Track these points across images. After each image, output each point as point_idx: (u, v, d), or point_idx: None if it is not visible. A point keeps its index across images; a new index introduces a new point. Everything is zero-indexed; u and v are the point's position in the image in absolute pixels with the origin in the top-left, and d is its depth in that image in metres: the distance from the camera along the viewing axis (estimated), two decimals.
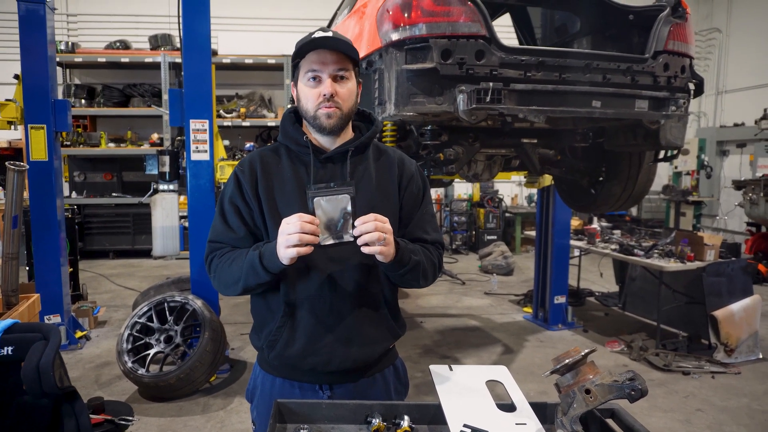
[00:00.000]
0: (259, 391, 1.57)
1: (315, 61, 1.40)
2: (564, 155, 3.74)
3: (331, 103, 1.41)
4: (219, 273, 1.47)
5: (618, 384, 1.14)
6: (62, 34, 9.02)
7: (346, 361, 1.47)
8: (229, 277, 1.44)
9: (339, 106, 1.42)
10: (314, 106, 1.42)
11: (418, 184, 1.57)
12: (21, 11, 4.14)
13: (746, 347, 4.36)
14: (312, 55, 1.40)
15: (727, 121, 9.64)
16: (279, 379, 1.54)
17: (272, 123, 8.86)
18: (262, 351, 1.54)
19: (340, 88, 1.42)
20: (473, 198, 9.89)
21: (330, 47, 1.38)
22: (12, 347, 1.50)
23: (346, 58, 1.41)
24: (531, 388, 3.84)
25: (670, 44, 2.81)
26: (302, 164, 1.49)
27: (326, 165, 1.48)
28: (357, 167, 1.49)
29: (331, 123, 1.43)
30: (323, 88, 1.40)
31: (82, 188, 8.69)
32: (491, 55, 2.46)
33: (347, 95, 1.43)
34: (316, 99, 1.41)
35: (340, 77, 1.41)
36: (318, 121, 1.43)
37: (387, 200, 1.50)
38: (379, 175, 1.51)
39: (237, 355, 4.42)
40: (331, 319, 1.46)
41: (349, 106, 1.45)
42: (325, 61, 1.39)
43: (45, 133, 4.28)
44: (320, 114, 1.42)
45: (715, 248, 4.47)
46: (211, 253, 1.52)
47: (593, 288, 6.54)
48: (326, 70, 1.40)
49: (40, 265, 4.39)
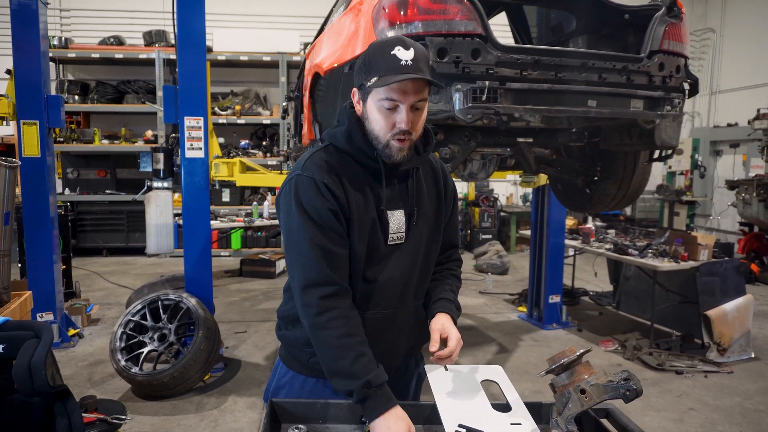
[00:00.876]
0: (286, 390, 1.54)
1: (396, 89, 1.29)
2: (559, 154, 3.74)
3: (405, 135, 1.34)
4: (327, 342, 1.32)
5: (613, 384, 1.14)
6: (55, 29, 8.94)
7: (390, 369, 1.46)
8: (326, 358, 1.33)
9: (411, 138, 1.36)
10: (387, 136, 1.34)
11: (454, 194, 1.64)
12: (13, 5, 4.10)
13: (739, 346, 4.38)
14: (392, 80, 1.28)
15: (720, 121, 9.69)
16: (312, 379, 1.52)
17: (267, 121, 8.83)
18: (298, 351, 1.51)
19: (416, 118, 1.35)
20: (468, 197, 9.90)
21: (415, 76, 1.28)
22: (3, 345, 1.48)
23: (427, 87, 1.33)
24: (526, 387, 3.84)
25: (666, 44, 2.81)
26: (372, 178, 1.42)
27: (392, 182, 1.45)
28: (416, 183, 1.51)
29: (402, 155, 1.37)
30: (400, 119, 1.32)
31: (75, 185, 8.64)
32: (487, 53, 2.46)
33: (420, 125, 1.38)
34: (390, 128, 1.33)
35: (417, 108, 1.34)
36: (389, 150, 1.36)
37: (439, 213, 1.56)
38: (429, 188, 1.55)
39: (231, 354, 4.41)
40: (385, 327, 1.49)
41: (419, 134, 1.40)
42: (407, 90, 1.30)
43: (38, 129, 4.25)
44: (393, 145, 1.35)
45: (708, 248, 4.50)
46: (329, 310, 1.32)
47: (588, 287, 6.56)
48: (406, 101, 1.31)
49: (33, 263, 4.36)
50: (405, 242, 1.46)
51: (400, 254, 1.46)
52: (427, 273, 1.57)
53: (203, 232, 4.04)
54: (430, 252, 1.55)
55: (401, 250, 1.46)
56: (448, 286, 1.61)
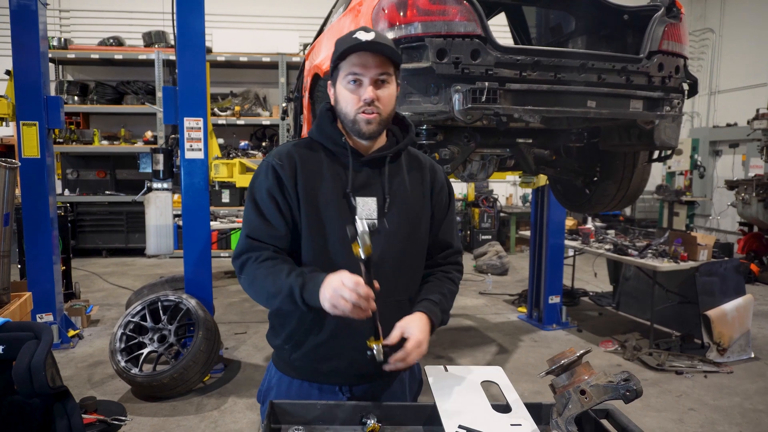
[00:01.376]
0: (275, 392, 1.55)
1: (357, 64, 1.37)
2: (559, 155, 3.74)
3: (372, 108, 1.38)
4: (253, 281, 1.40)
5: (613, 385, 1.14)
6: (54, 30, 8.94)
7: (369, 365, 1.43)
8: (263, 291, 1.38)
9: (379, 112, 1.40)
10: (354, 111, 1.40)
11: (446, 192, 1.60)
12: (12, 6, 4.10)
13: (738, 346, 4.38)
14: (354, 57, 1.37)
15: (719, 122, 9.70)
16: (297, 380, 1.52)
17: (267, 121, 8.83)
18: (282, 351, 1.52)
19: (381, 93, 1.39)
20: (468, 198, 9.90)
21: (373, 50, 1.36)
22: (3, 346, 1.48)
23: (388, 62, 1.39)
24: (525, 387, 3.84)
25: (665, 44, 2.82)
26: (340, 165, 1.46)
27: (362, 169, 1.47)
28: (391, 173, 1.49)
29: (370, 129, 1.41)
30: (364, 92, 1.38)
31: (75, 186, 8.63)
32: (487, 54, 2.46)
33: (387, 100, 1.41)
34: (356, 103, 1.39)
35: (381, 81, 1.39)
36: (357, 126, 1.41)
37: (420, 206, 1.52)
38: (412, 181, 1.52)
39: (231, 355, 4.41)
40: (358, 322, 1.43)
41: (389, 111, 1.43)
42: (368, 64, 1.36)
43: (37, 130, 4.25)
44: (360, 119, 1.40)
45: (708, 248, 4.50)
46: (248, 252, 1.42)
47: (587, 288, 6.56)
48: (368, 74, 1.37)
49: (32, 264, 4.35)
50: (377, 230, 1.44)
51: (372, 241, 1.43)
52: (403, 267, 1.50)
53: (203, 233, 4.04)
54: (409, 246, 1.50)
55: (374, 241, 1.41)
56: (438, 288, 1.54)
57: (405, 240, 1.48)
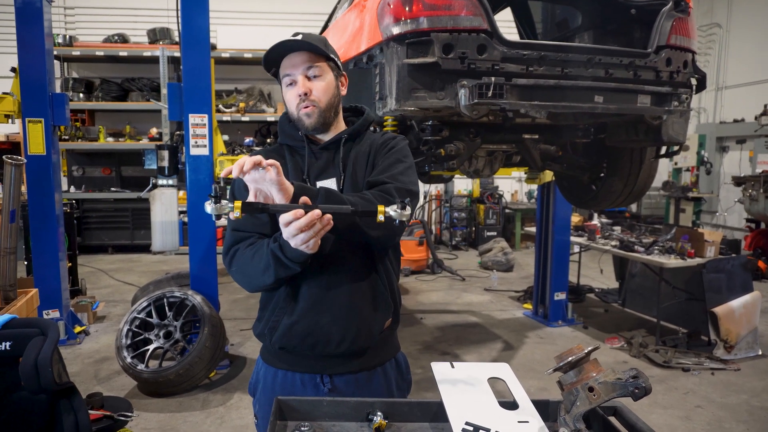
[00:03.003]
0: (261, 384, 1.58)
1: (287, 65, 1.47)
2: (565, 151, 3.72)
3: (307, 102, 1.46)
4: (243, 266, 1.43)
5: (621, 382, 1.12)
6: (60, 27, 8.97)
7: (345, 340, 1.47)
8: (255, 272, 1.39)
9: (315, 104, 1.47)
10: (295, 109, 1.48)
11: (388, 146, 1.55)
12: (17, 3, 4.11)
13: (746, 344, 4.36)
14: (284, 61, 1.48)
15: (726, 117, 9.63)
16: (281, 371, 1.55)
17: (271, 118, 8.83)
18: (264, 337, 1.54)
19: (314, 85, 1.46)
20: (473, 194, 9.89)
21: (295, 49, 1.45)
22: (10, 342, 1.48)
23: (314, 56, 1.46)
24: (531, 384, 3.84)
25: (673, 39, 2.79)
26: (300, 157, 1.55)
27: (321, 155, 1.53)
28: (349, 153, 1.53)
29: (311, 121, 1.48)
30: (298, 88, 1.46)
31: (80, 183, 8.66)
32: (493, 49, 2.44)
33: (322, 91, 1.47)
34: (295, 101, 1.47)
35: (312, 75, 1.46)
36: (301, 122, 1.49)
37: (365, 173, 1.51)
38: (365, 159, 1.54)
39: (237, 351, 4.42)
40: (330, 295, 1.47)
41: (328, 100, 1.49)
42: (295, 63, 1.46)
43: (43, 127, 4.26)
44: (301, 115, 1.48)
45: (715, 245, 4.47)
46: (235, 244, 1.46)
47: (593, 284, 6.54)
48: (297, 71, 1.46)
49: (39, 260, 4.37)
50: None
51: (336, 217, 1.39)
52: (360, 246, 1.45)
53: (208, 229, 4.05)
54: None
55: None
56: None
57: None
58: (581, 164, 3.77)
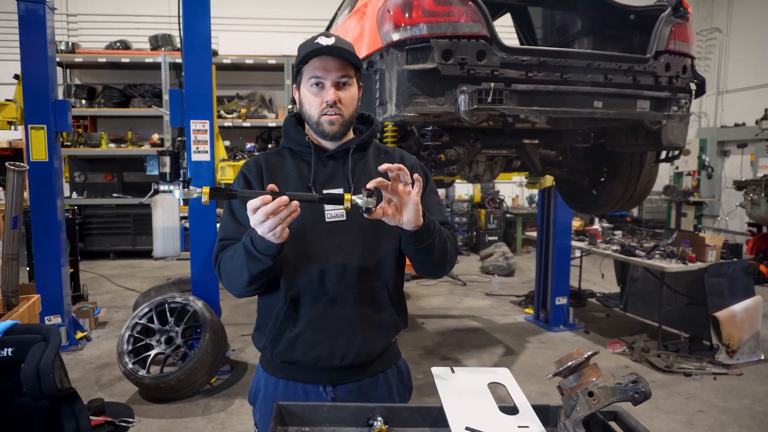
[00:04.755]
0: (262, 393, 1.56)
1: (318, 67, 1.42)
2: (565, 156, 3.73)
3: (333, 110, 1.44)
4: (224, 268, 1.45)
5: (621, 386, 1.13)
6: (62, 34, 9.02)
7: (348, 355, 1.47)
8: (236, 272, 1.40)
9: (341, 113, 1.45)
10: (317, 113, 1.45)
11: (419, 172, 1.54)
12: (21, 11, 4.14)
13: (748, 348, 4.35)
14: (315, 61, 1.42)
15: (727, 121, 9.63)
16: (282, 381, 1.53)
17: (273, 123, 8.85)
18: (265, 350, 1.53)
19: (343, 94, 1.44)
20: (474, 199, 9.89)
21: (333, 54, 1.41)
22: (12, 348, 1.49)
23: (348, 65, 1.44)
24: (532, 389, 3.83)
25: (672, 44, 2.80)
26: (305, 163, 1.52)
27: (328, 163, 1.51)
28: (357, 164, 1.52)
29: (333, 129, 1.46)
30: (326, 95, 1.43)
31: (82, 189, 8.69)
32: (492, 55, 2.46)
33: (349, 102, 1.46)
34: (319, 105, 1.44)
35: (342, 84, 1.44)
36: (321, 127, 1.46)
37: None
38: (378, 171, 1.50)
39: (238, 357, 4.42)
40: (334, 310, 1.46)
41: (351, 112, 1.48)
42: (328, 68, 1.42)
43: (45, 134, 4.28)
44: (323, 121, 1.45)
45: (716, 249, 4.46)
46: (220, 251, 1.48)
47: (594, 289, 6.53)
48: (329, 78, 1.42)
49: (41, 266, 4.38)
50: (347, 220, 1.45)
51: (343, 231, 1.46)
52: (373, 253, 1.48)
53: (210, 235, 4.05)
54: (383, 233, 1.47)
55: (344, 227, 1.46)
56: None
57: (373, 225, 1.43)
58: (581, 169, 3.77)
